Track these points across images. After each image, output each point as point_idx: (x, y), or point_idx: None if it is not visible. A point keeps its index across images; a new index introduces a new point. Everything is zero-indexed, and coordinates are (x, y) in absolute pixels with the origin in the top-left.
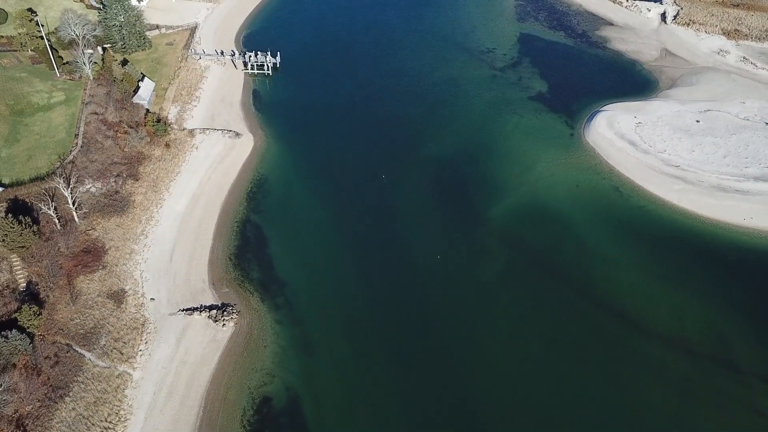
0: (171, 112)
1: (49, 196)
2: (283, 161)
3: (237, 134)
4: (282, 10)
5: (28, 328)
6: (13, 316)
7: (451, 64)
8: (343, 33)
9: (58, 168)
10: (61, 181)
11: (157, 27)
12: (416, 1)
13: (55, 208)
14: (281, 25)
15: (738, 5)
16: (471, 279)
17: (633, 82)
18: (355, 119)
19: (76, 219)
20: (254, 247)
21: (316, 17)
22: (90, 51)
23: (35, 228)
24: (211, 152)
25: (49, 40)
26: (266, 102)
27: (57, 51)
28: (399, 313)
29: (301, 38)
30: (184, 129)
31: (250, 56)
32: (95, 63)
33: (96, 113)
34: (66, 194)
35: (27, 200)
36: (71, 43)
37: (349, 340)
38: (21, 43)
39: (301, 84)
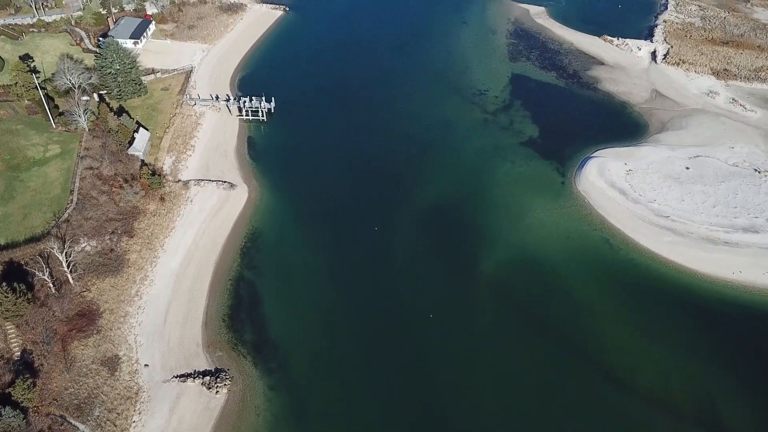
0: (166, 163)
1: (44, 259)
2: (277, 212)
3: (231, 185)
4: (276, 51)
5: (22, 402)
6: (7, 390)
7: (443, 107)
8: (336, 72)
9: (53, 227)
10: (56, 246)
11: (153, 71)
12: (410, 39)
13: (50, 273)
14: (275, 66)
15: (727, 43)
16: (462, 334)
17: (624, 125)
18: (347, 166)
19: (71, 281)
20: (248, 306)
21: (310, 57)
22: (86, 98)
23: (29, 295)
24: (205, 205)
25: (44, 89)
26: (260, 149)
27: (53, 99)
28: (392, 371)
29: (295, 79)
30: (179, 181)
31: (244, 101)
32: (92, 113)
33: (91, 167)
34: (61, 258)
35: (22, 262)
36: (68, 92)
37: (343, 404)
38: (17, 95)
39: (295, 129)
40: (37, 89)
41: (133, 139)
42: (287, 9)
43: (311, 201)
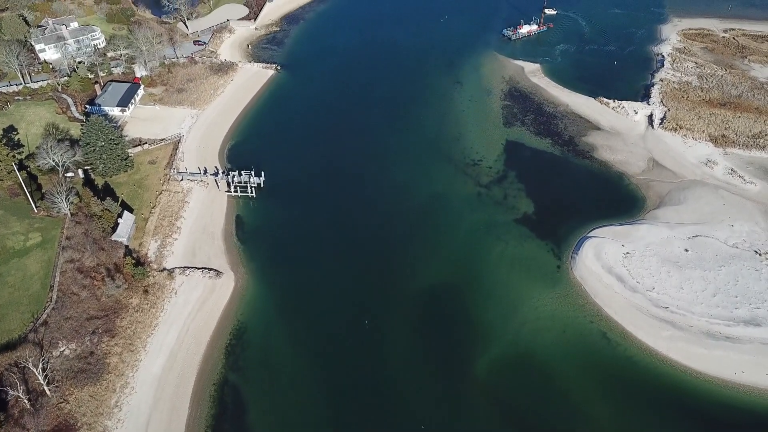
0: (151, 248)
1: (20, 370)
2: (263, 304)
3: (218, 273)
4: (267, 116)
5: None
6: None
7: (437, 179)
8: (327, 141)
9: (30, 331)
10: (32, 359)
11: (140, 142)
12: (403, 101)
13: (26, 386)
14: (265, 134)
15: (725, 104)
16: None
17: (621, 199)
18: (337, 248)
19: (48, 392)
20: (232, 416)
21: (301, 123)
22: (71, 174)
23: (1, 416)
24: (190, 297)
25: (27, 167)
26: (248, 230)
27: (37, 178)
28: None
29: (285, 149)
30: (163, 269)
31: (233, 176)
32: (75, 194)
33: (72, 260)
34: (37, 372)
35: None
36: (51, 170)
37: None
38: None
39: (284, 206)
40: (17, 173)
41: (117, 224)
42: (279, 68)
43: (299, 290)
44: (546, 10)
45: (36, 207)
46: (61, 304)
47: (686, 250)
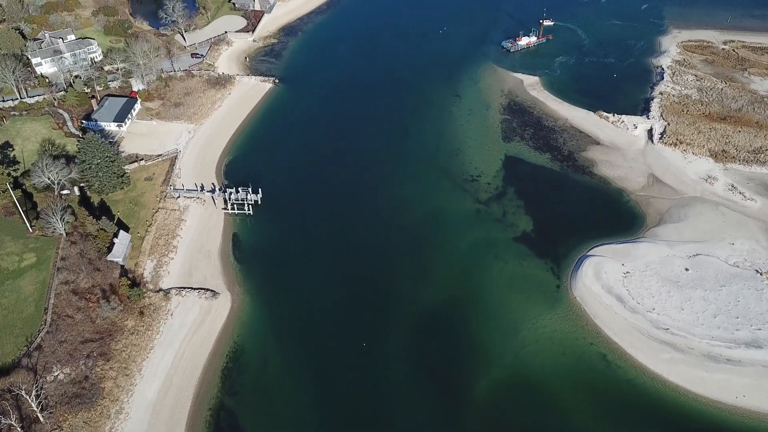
0: (147, 268)
1: (13, 397)
2: (260, 325)
3: (214, 293)
4: (264, 131)
5: None
6: None
7: (435, 195)
8: (325, 155)
9: (23, 356)
10: (24, 387)
11: (137, 158)
12: (402, 115)
13: (19, 413)
14: (263, 149)
15: (725, 119)
16: None
17: (620, 217)
18: (333, 267)
19: (41, 419)
20: None
21: (298, 138)
22: (66, 192)
23: None
24: (186, 319)
25: (23, 186)
26: (245, 248)
27: (32, 196)
28: None
29: (283, 164)
30: (159, 290)
31: (230, 193)
32: (70, 213)
33: (67, 281)
34: (30, 400)
35: None
36: (47, 188)
37: None
38: None
39: (281, 223)
40: (11, 193)
41: (113, 244)
42: (276, 81)
43: (295, 310)
44: (543, 21)
45: (31, 226)
46: (56, 327)
47: (686, 270)
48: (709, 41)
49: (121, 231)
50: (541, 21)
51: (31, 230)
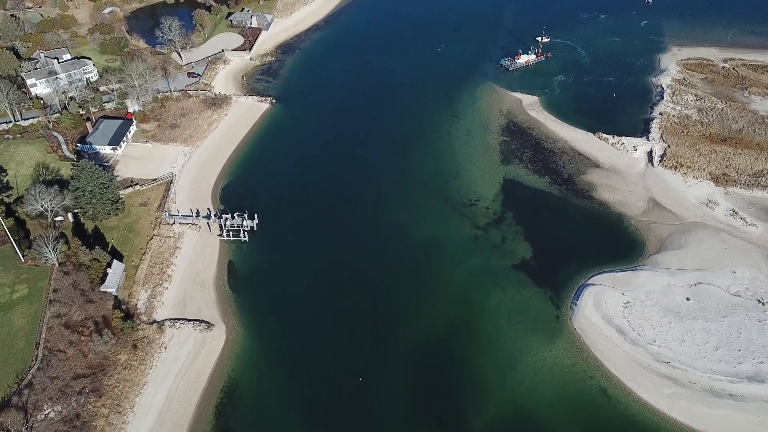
0: (141, 299)
1: None
2: (256, 359)
3: (209, 325)
4: (261, 154)
5: None
6: None
7: (433, 221)
8: (321, 180)
9: (14, 394)
10: (13, 430)
11: (131, 183)
12: (400, 137)
13: None
14: (259, 172)
15: (726, 140)
16: None
17: (620, 243)
18: (329, 298)
19: None
20: None
21: (295, 161)
22: (60, 218)
23: None
24: (180, 353)
25: (15, 213)
26: (241, 277)
27: (25, 223)
28: None
29: (279, 189)
30: (153, 322)
31: (226, 219)
32: (63, 242)
33: (59, 315)
34: None
35: None
36: (40, 215)
37: None
38: None
39: (277, 250)
40: (2, 223)
41: (106, 274)
42: (274, 101)
43: (291, 342)
44: (541, 39)
45: (23, 256)
46: (47, 362)
47: (688, 299)
48: (709, 59)
49: (115, 260)
50: (538, 38)
51: (23, 260)
